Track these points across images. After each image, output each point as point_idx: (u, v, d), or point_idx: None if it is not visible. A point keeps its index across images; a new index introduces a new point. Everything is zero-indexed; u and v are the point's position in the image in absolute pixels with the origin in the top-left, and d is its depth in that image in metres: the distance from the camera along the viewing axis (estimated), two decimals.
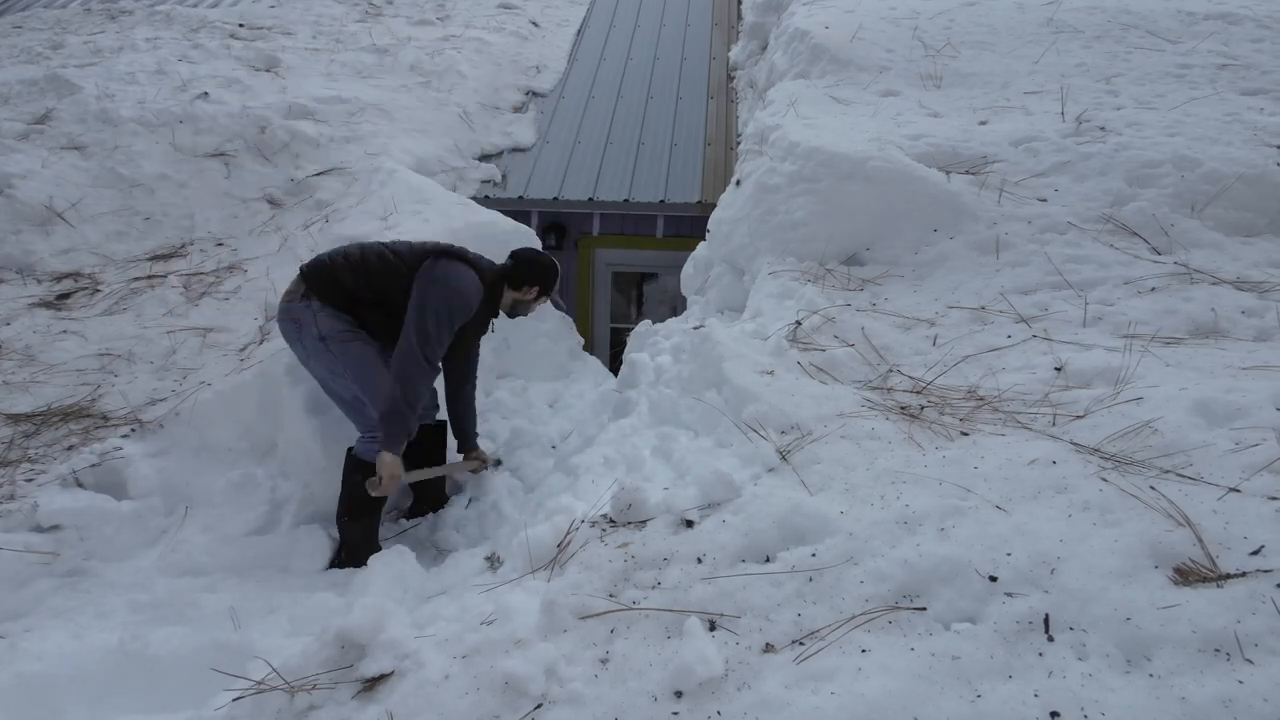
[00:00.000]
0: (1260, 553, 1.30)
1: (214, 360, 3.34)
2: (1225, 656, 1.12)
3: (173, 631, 2.16)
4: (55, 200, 4.44)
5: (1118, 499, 1.46)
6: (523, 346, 4.01)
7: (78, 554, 2.47)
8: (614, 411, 3.06)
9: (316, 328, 2.59)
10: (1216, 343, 2.18)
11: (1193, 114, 3.37)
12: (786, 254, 3.04)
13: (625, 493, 1.74)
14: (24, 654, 2.00)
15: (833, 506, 1.58)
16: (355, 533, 2.67)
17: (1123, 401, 1.82)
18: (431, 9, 8.00)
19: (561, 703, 1.25)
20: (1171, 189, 2.87)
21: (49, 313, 3.79)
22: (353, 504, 2.65)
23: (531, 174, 5.98)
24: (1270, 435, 1.59)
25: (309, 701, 1.38)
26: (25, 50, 6.51)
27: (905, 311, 2.58)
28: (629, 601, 1.44)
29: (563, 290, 5.93)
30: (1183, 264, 2.57)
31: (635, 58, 7.59)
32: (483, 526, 2.86)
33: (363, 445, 2.67)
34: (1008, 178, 3.08)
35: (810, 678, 1.20)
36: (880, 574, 1.38)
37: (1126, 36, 4.35)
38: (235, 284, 3.97)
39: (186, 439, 2.91)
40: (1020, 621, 1.24)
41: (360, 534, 2.68)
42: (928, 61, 4.27)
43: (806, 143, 3.25)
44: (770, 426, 1.93)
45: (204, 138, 5.06)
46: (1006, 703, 1.11)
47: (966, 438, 1.79)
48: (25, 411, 3.06)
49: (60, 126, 5.04)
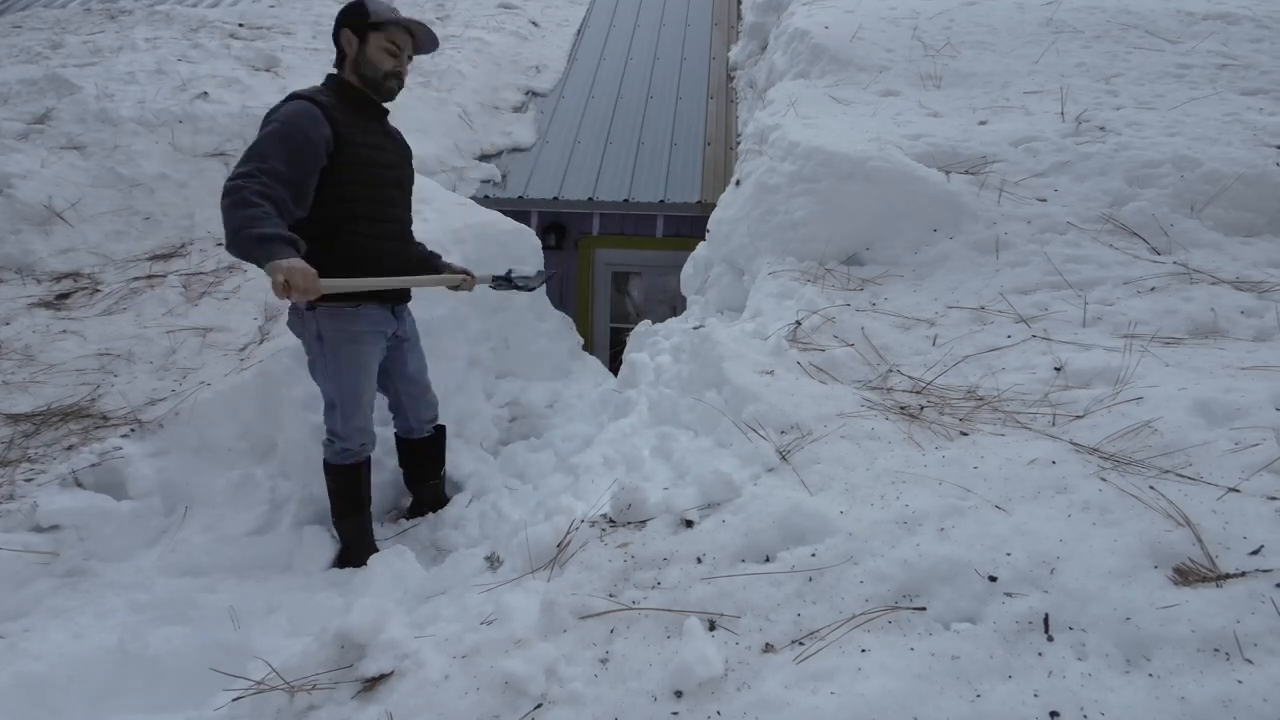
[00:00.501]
0: (1260, 552, 1.30)
1: (214, 360, 3.34)
2: (1225, 656, 1.12)
3: (172, 631, 2.16)
4: (55, 200, 4.44)
5: (1117, 499, 1.46)
6: (522, 346, 4.01)
7: (77, 554, 2.47)
8: (613, 411, 3.06)
9: (316, 325, 2.48)
10: (1216, 342, 2.18)
11: (1192, 114, 3.37)
12: (786, 254, 3.05)
13: (625, 492, 1.74)
14: (23, 654, 2.00)
15: (832, 506, 1.58)
16: (346, 531, 2.67)
17: (1122, 401, 1.82)
18: (431, 9, 8.00)
19: (561, 703, 1.25)
20: (1171, 189, 2.87)
21: (48, 312, 3.78)
22: (333, 503, 2.64)
23: (531, 174, 5.99)
24: (1270, 435, 1.59)
25: (308, 702, 1.38)
26: (25, 50, 6.51)
27: (905, 311, 2.58)
28: (629, 601, 1.44)
29: (563, 290, 5.95)
30: (1182, 264, 2.57)
31: (635, 58, 7.59)
32: (482, 526, 2.86)
33: (324, 447, 2.61)
34: (1007, 178, 3.08)
35: (810, 678, 1.20)
36: (880, 574, 1.38)
37: (1126, 36, 4.35)
38: (235, 284, 3.97)
39: (186, 439, 2.90)
40: (1020, 621, 1.24)
41: (352, 532, 2.67)
42: (927, 61, 4.27)
43: (806, 143, 3.25)
44: (770, 426, 1.93)
45: (204, 137, 5.06)
46: (1006, 702, 1.11)
47: (966, 438, 1.80)
48: (25, 411, 3.06)
49: (60, 126, 5.04)
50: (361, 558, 2.50)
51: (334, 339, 2.43)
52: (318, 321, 2.44)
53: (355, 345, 2.46)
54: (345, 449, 2.55)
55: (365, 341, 2.50)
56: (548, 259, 4.50)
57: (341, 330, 2.44)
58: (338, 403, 2.51)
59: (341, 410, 2.50)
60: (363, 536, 2.68)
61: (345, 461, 2.56)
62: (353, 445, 2.54)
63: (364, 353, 2.50)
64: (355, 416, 2.52)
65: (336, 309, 2.42)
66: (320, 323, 2.43)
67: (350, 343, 2.45)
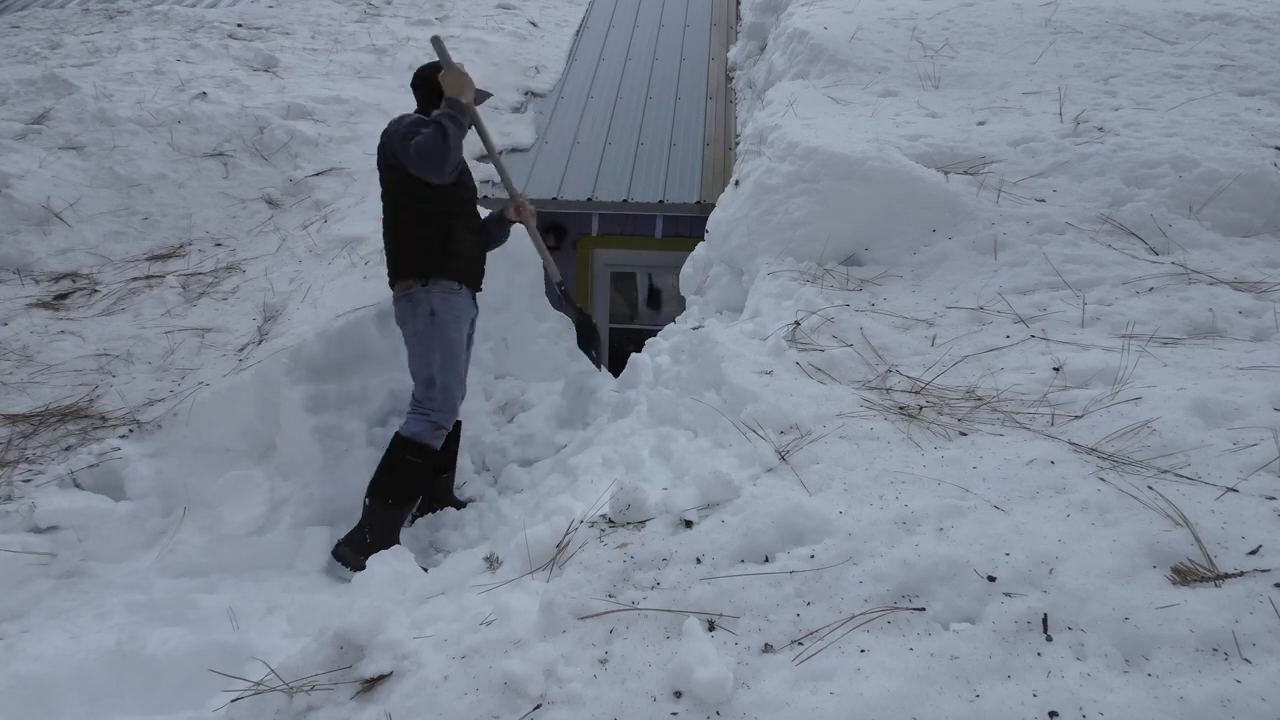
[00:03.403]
0: (1258, 552, 1.30)
1: (212, 360, 3.34)
2: (1223, 656, 1.13)
3: (171, 632, 2.15)
4: (53, 200, 4.43)
5: (1116, 499, 1.46)
6: (522, 347, 4.01)
7: (75, 555, 2.46)
8: (613, 412, 3.06)
9: (430, 304, 2.75)
10: (1214, 343, 2.19)
11: (1190, 114, 3.37)
12: (785, 254, 3.05)
13: (624, 493, 1.74)
14: (21, 655, 2.00)
15: (831, 507, 1.58)
16: (384, 518, 2.63)
17: (1121, 401, 1.82)
18: (430, 9, 8.00)
19: (560, 703, 1.25)
20: (1169, 189, 2.87)
21: (47, 313, 3.78)
22: (396, 488, 2.64)
23: (530, 174, 5.98)
24: (1268, 435, 1.59)
25: (307, 702, 1.38)
26: (23, 50, 6.49)
27: (904, 311, 2.58)
28: (628, 602, 1.44)
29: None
30: (1180, 264, 2.58)
31: (634, 58, 7.59)
32: (481, 527, 2.86)
33: (413, 423, 2.71)
34: (1006, 178, 3.08)
35: (809, 678, 1.21)
36: (879, 574, 1.38)
37: (1124, 37, 4.36)
38: (234, 284, 3.97)
39: (185, 439, 2.90)
40: (1019, 621, 1.24)
41: (387, 522, 2.63)
42: (926, 62, 4.28)
43: (805, 143, 3.25)
44: (769, 427, 1.93)
45: (202, 138, 5.05)
46: (1005, 702, 1.11)
47: (965, 438, 1.80)
48: (23, 412, 3.05)
49: (58, 126, 5.03)
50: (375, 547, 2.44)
51: (444, 316, 2.75)
52: (432, 299, 2.74)
53: (460, 325, 2.81)
54: (440, 428, 2.71)
55: (465, 322, 2.86)
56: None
57: (451, 308, 2.78)
58: (439, 379, 2.73)
59: (443, 386, 2.74)
60: (395, 529, 2.66)
61: (435, 443, 2.71)
62: (447, 423, 2.74)
63: (463, 332, 2.85)
64: (459, 390, 2.82)
65: (449, 288, 2.79)
66: (434, 300, 2.74)
67: (456, 322, 2.79)
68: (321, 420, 2.91)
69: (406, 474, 2.65)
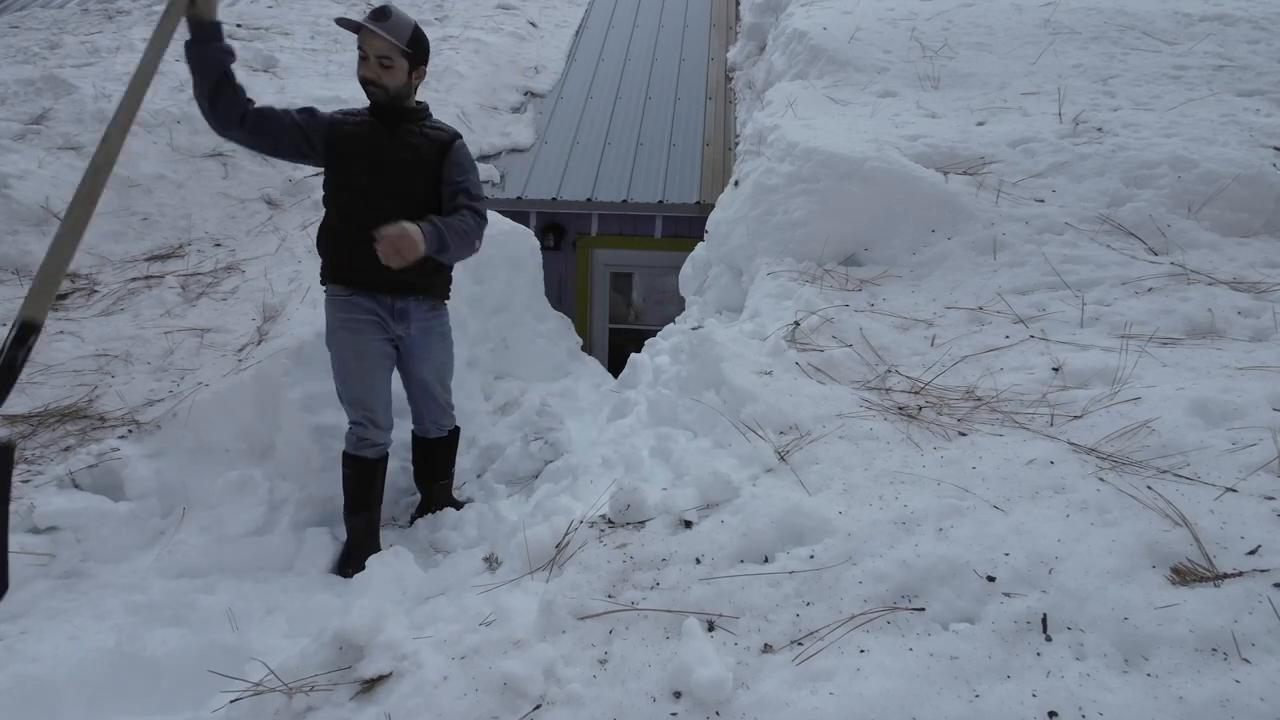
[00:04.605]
0: (1257, 552, 1.30)
1: (211, 361, 3.33)
2: (1222, 656, 1.13)
3: (170, 633, 2.15)
4: (52, 200, 4.43)
5: (1115, 499, 1.47)
6: (522, 347, 4.01)
7: (74, 555, 2.46)
8: (613, 412, 3.06)
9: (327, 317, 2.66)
10: (1213, 343, 2.19)
11: (1189, 115, 3.37)
12: (785, 254, 3.05)
13: (623, 493, 1.74)
14: (20, 655, 1.99)
15: (831, 507, 1.58)
16: (350, 528, 2.70)
17: (1120, 402, 1.82)
18: (430, 9, 8.00)
19: (560, 703, 1.25)
20: (1168, 189, 2.87)
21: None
22: (345, 497, 2.70)
23: (530, 174, 5.99)
24: (1267, 435, 1.59)
25: (307, 703, 1.38)
26: (22, 50, 6.49)
27: (903, 312, 2.58)
28: (627, 602, 1.44)
29: (561, 291, 5.95)
30: (1179, 264, 2.58)
31: (633, 58, 7.60)
32: (481, 527, 2.86)
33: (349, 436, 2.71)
34: (1005, 178, 3.09)
35: (809, 678, 1.21)
36: (878, 574, 1.38)
37: (1123, 38, 4.36)
38: (233, 284, 3.97)
39: (184, 440, 2.90)
40: (1018, 621, 1.24)
41: (355, 530, 2.69)
42: (925, 62, 4.28)
43: (805, 143, 3.25)
44: (768, 427, 1.93)
45: (201, 138, 5.05)
46: (1004, 703, 1.11)
47: (964, 438, 1.80)
48: (22, 412, 3.05)
49: (57, 126, 5.03)
50: (361, 559, 2.50)
51: (330, 325, 2.65)
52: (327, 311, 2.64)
53: (346, 329, 2.63)
54: (361, 439, 2.67)
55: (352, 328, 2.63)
56: (546, 259, 4.50)
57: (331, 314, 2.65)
58: (339, 391, 2.68)
59: (343, 398, 2.68)
60: (366, 536, 2.69)
61: (353, 451, 2.67)
62: (366, 433, 2.66)
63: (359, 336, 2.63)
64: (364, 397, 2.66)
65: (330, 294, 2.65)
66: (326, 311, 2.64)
67: (340, 327, 2.63)
68: (321, 421, 2.91)
69: (345, 485, 2.70)
